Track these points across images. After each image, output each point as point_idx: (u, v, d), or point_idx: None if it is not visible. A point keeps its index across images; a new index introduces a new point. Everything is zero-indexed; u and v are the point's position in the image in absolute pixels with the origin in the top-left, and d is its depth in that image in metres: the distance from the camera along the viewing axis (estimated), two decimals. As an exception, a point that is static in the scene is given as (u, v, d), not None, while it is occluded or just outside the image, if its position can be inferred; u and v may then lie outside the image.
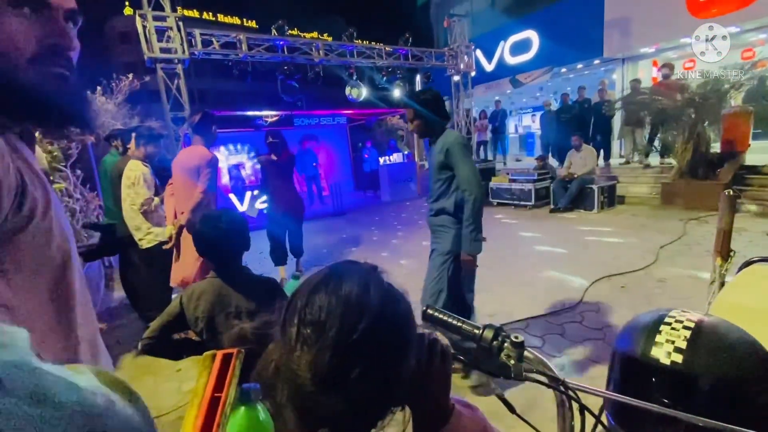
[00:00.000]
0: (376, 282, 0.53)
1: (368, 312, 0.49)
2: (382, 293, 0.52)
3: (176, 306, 1.50)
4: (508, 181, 7.97)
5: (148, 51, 5.65)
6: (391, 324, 0.51)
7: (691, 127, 6.33)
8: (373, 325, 0.48)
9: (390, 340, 0.51)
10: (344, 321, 0.48)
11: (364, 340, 0.47)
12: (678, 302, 3.19)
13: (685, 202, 6.20)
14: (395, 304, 0.53)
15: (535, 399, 1.96)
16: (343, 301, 0.49)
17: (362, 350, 0.47)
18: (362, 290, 0.51)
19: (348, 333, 0.47)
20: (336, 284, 0.51)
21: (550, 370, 0.63)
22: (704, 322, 0.63)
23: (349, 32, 7.73)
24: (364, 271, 0.55)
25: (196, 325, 1.48)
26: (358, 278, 0.52)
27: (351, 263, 0.56)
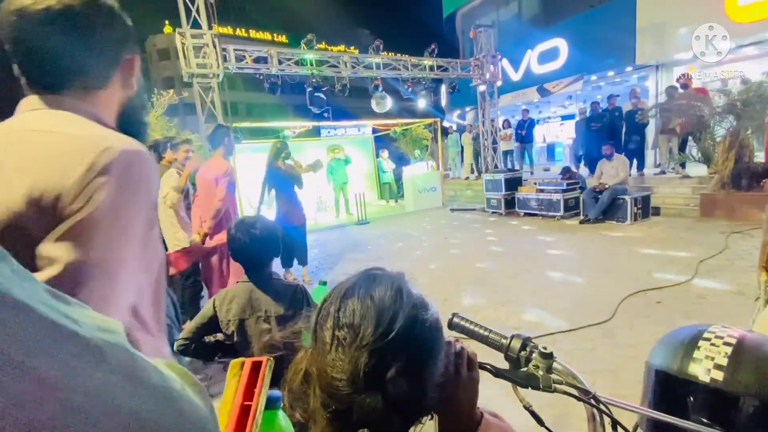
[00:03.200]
0: (407, 287, 0.54)
1: (402, 313, 0.50)
2: (412, 297, 0.53)
3: (210, 309, 1.57)
4: (536, 191, 7.80)
5: (185, 66, 5.96)
6: (422, 326, 0.52)
7: (733, 135, 6.03)
8: (406, 326, 0.49)
9: (422, 341, 0.52)
10: (379, 322, 0.49)
11: (399, 340, 0.48)
12: (719, 319, 3.00)
13: (726, 214, 5.87)
14: (425, 309, 0.54)
15: (563, 413, 1.90)
16: (376, 304, 0.50)
17: (397, 350, 0.48)
18: (395, 293, 0.52)
19: (384, 334, 0.48)
20: (368, 289, 0.53)
21: (580, 382, 0.62)
22: (747, 338, 0.60)
23: (376, 45, 7.87)
24: (394, 276, 0.56)
25: (227, 327, 1.54)
26: (389, 283, 0.54)
27: (379, 270, 0.57)
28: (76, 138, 0.63)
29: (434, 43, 8.66)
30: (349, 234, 8.01)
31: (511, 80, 12.71)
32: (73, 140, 0.62)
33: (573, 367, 0.61)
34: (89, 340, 0.23)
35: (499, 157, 10.54)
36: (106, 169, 0.61)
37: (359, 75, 7.91)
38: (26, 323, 0.20)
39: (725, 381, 0.56)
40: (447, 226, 7.91)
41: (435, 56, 8.63)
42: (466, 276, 4.59)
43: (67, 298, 0.25)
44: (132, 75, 0.77)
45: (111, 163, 0.61)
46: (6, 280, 0.21)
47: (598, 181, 6.80)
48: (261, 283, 1.56)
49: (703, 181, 6.65)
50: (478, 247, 6.03)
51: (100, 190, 0.60)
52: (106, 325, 0.25)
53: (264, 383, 0.85)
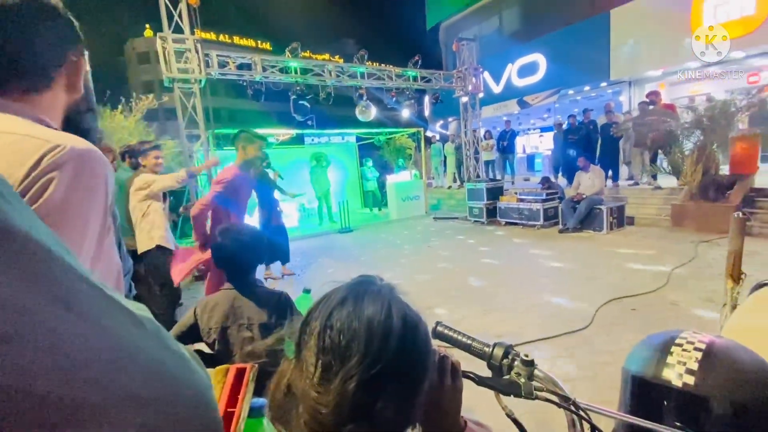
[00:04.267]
0: (397, 304, 0.51)
1: (392, 338, 0.47)
2: (403, 317, 0.50)
3: (190, 317, 1.53)
4: (517, 200, 7.96)
5: (166, 71, 5.86)
6: (413, 348, 0.50)
7: (700, 149, 6.33)
8: (397, 351, 0.47)
9: (413, 365, 0.50)
10: (368, 350, 0.46)
11: (390, 368, 0.46)
12: (690, 325, 3.11)
13: (695, 224, 6.13)
14: (415, 327, 0.51)
15: (545, 420, 1.92)
16: (365, 327, 0.47)
17: (386, 379, 0.46)
18: (385, 315, 0.49)
19: (373, 362, 0.45)
20: (357, 306, 0.49)
21: (560, 389, 0.64)
22: (716, 343, 0.63)
23: (360, 54, 7.94)
24: (385, 291, 0.53)
25: (208, 336, 1.51)
26: (379, 300, 0.50)
27: (369, 282, 0.55)
28: (22, 136, 0.59)
29: (418, 55, 8.81)
30: (332, 241, 7.97)
31: (492, 92, 13.02)
32: (20, 138, 0.59)
33: (554, 373, 0.63)
34: (127, 307, 0.30)
35: (481, 167, 10.73)
36: (56, 165, 0.57)
37: (343, 84, 7.95)
38: (95, 294, 0.27)
39: (696, 385, 0.59)
40: (430, 235, 7.97)
41: (419, 67, 8.77)
42: (449, 285, 4.62)
43: (103, 284, 0.30)
44: (78, 77, 0.73)
45: (61, 159, 0.58)
46: (76, 262, 0.27)
47: (575, 191, 7.00)
48: (245, 290, 1.54)
49: (674, 193, 6.94)
50: (461, 256, 6.09)
51: (50, 186, 0.57)
52: (140, 306, 0.32)
53: (247, 390, 0.84)
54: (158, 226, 3.12)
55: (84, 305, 0.26)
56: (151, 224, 3.09)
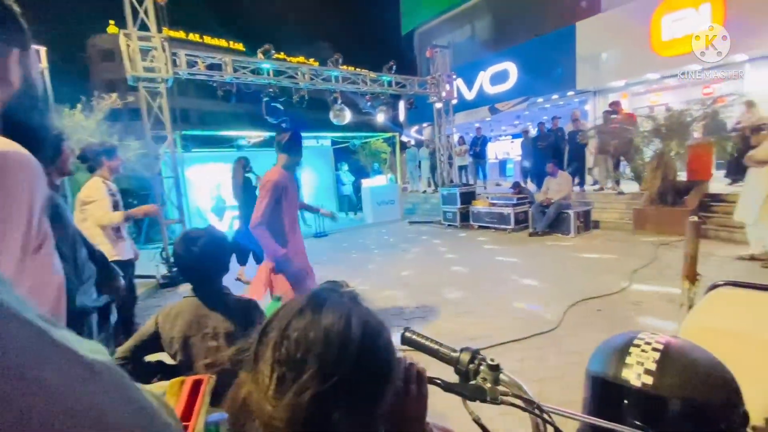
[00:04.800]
0: (358, 313, 0.50)
1: (350, 350, 0.46)
2: (363, 327, 0.48)
3: (152, 325, 1.45)
4: (489, 204, 8.13)
5: (130, 70, 5.63)
6: (373, 360, 0.48)
7: (659, 157, 6.68)
8: (355, 363, 0.46)
9: (372, 376, 0.48)
10: (324, 361, 0.44)
11: (347, 380, 0.45)
12: (652, 325, 3.26)
13: (655, 227, 6.45)
14: (377, 337, 0.50)
15: (514, 423, 1.94)
16: (322, 338, 0.46)
17: (343, 392, 0.44)
18: (344, 325, 0.47)
19: (328, 375, 0.44)
20: (315, 316, 0.48)
21: (525, 393, 0.64)
22: (672, 344, 0.65)
23: (335, 58, 7.91)
24: (346, 300, 0.52)
25: (170, 346, 1.43)
26: (339, 310, 0.49)
27: (331, 291, 0.53)
28: None
29: (393, 60, 8.87)
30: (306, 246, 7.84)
31: (465, 99, 13.28)
32: None
33: (523, 375, 0.64)
34: (84, 357, 0.25)
35: (455, 172, 10.90)
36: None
37: (318, 87, 7.90)
38: (32, 337, 0.22)
39: (654, 385, 0.60)
40: (405, 239, 7.99)
41: (393, 72, 8.83)
42: (421, 289, 4.64)
43: (52, 320, 0.25)
44: (8, 71, 0.68)
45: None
46: (8, 296, 0.23)
47: (544, 196, 7.23)
48: (209, 299, 1.47)
49: (635, 198, 7.28)
50: (434, 260, 6.14)
51: None
52: (93, 347, 0.27)
53: (203, 402, 0.79)
54: (100, 242, 2.96)
55: (11, 355, 0.20)
56: (91, 238, 2.92)
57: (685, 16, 8.21)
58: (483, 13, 14.64)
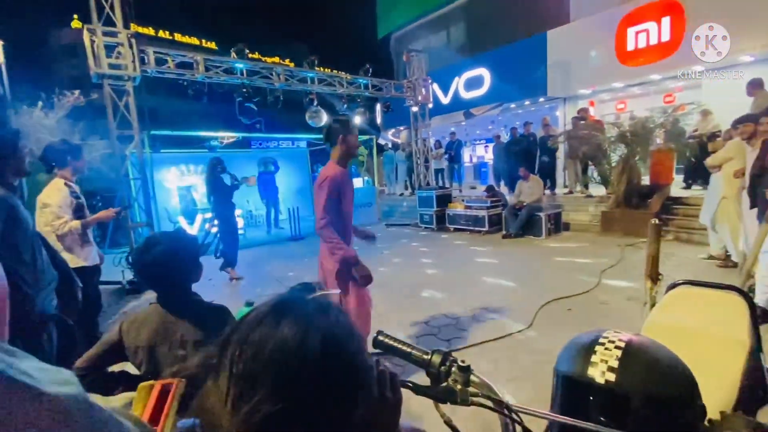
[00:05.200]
0: (320, 324, 0.48)
1: (307, 367, 0.44)
2: (324, 339, 0.46)
3: (114, 334, 1.38)
4: (464, 207, 8.26)
5: (95, 66, 5.39)
6: (337, 374, 0.46)
7: (624, 161, 6.98)
8: (314, 380, 0.44)
9: (339, 390, 0.46)
10: (278, 379, 0.43)
11: (305, 397, 0.43)
12: (618, 323, 3.39)
13: (622, 229, 6.73)
14: (341, 349, 0.48)
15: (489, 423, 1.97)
16: (278, 354, 0.44)
17: (304, 407, 0.43)
18: (300, 340, 0.45)
19: (283, 395, 0.42)
20: (272, 329, 0.45)
21: (495, 393, 0.64)
22: (633, 341, 0.67)
23: (311, 59, 7.85)
24: (309, 309, 0.50)
25: (135, 355, 1.36)
26: (298, 322, 0.46)
27: (296, 299, 0.51)
28: None
29: (369, 63, 8.89)
30: (282, 250, 7.72)
31: (441, 103, 13.45)
32: None
33: (497, 375, 0.64)
34: (52, 397, 0.22)
35: (431, 175, 11.01)
36: None
37: (293, 88, 7.81)
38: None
39: (617, 382, 0.61)
40: (382, 241, 7.99)
41: (370, 75, 8.85)
42: (400, 290, 4.65)
43: (13, 350, 0.23)
44: None
45: None
46: None
47: (517, 199, 7.42)
48: (174, 306, 1.40)
49: (603, 200, 7.57)
50: (412, 261, 6.17)
51: None
52: (60, 377, 0.25)
53: (172, 408, 0.75)
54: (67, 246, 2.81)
55: None
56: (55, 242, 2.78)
57: (648, 28, 8.64)
58: (458, 19, 14.91)
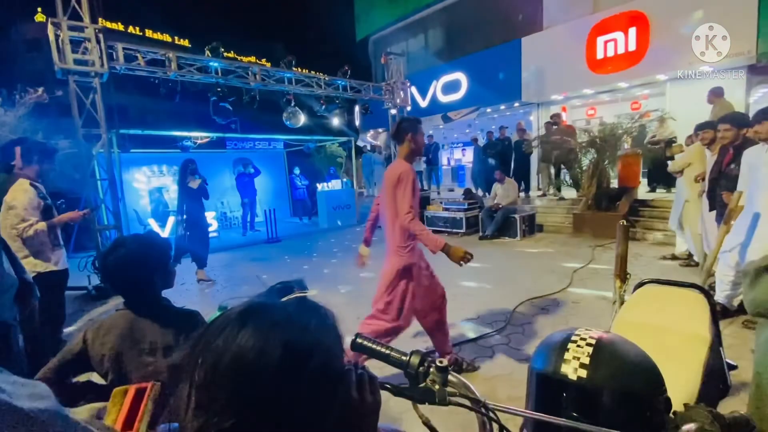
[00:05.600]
0: (284, 332, 0.45)
1: (264, 378, 0.42)
2: (287, 348, 0.44)
3: (78, 343, 1.31)
4: (442, 209, 8.36)
5: (59, 62, 5.14)
6: (302, 382, 0.44)
7: (594, 165, 7.25)
8: (271, 395, 0.42)
9: (300, 405, 0.44)
10: (235, 392, 0.41)
11: (261, 412, 0.41)
12: (590, 321, 3.51)
13: (592, 230, 6.97)
14: (305, 360, 0.45)
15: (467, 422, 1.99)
16: (236, 364, 0.42)
17: (258, 424, 0.41)
18: (259, 350, 0.43)
19: (235, 406, 0.41)
20: (234, 338, 0.44)
21: (472, 392, 0.65)
22: (603, 338, 0.69)
23: (288, 59, 7.77)
24: (276, 315, 0.47)
25: (101, 364, 1.30)
26: (260, 329, 0.44)
27: (263, 306, 0.49)
28: None
29: (348, 65, 8.87)
30: (257, 253, 7.58)
31: (419, 106, 13.58)
32: None
33: (475, 374, 0.65)
34: (27, 413, 0.22)
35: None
36: None
37: (269, 88, 7.69)
38: None
39: (589, 378, 0.63)
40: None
41: (348, 77, 8.83)
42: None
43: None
44: None
45: None
46: None
47: (493, 201, 7.57)
48: (143, 311, 1.35)
49: (575, 203, 7.83)
50: (390, 263, 6.17)
51: None
52: (35, 391, 0.25)
53: (146, 411, 0.73)
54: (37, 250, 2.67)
55: None
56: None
57: (616, 38, 9.01)
58: (435, 23, 15.09)
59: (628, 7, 8.77)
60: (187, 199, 5.27)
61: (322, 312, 0.53)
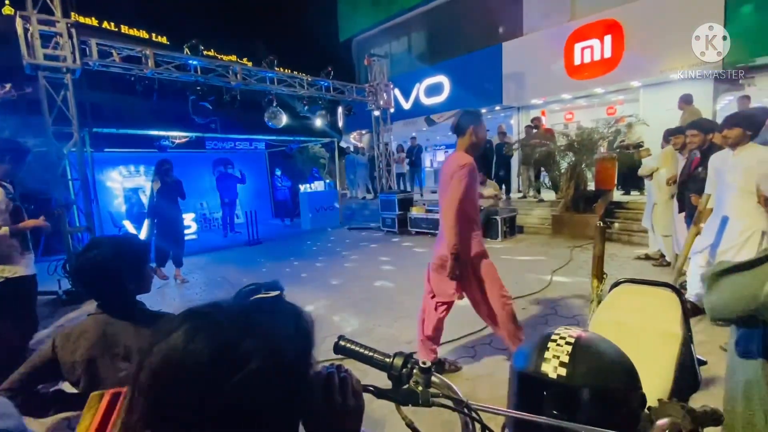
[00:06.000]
0: (218, 334, 0.42)
1: (190, 378, 0.39)
2: (217, 354, 0.40)
3: (47, 351, 1.25)
4: (425, 211, 8.41)
5: (28, 57, 4.93)
6: (236, 391, 0.40)
7: (572, 168, 7.44)
8: (199, 401, 0.39)
9: (251, 410, 0.41)
10: (153, 399, 0.40)
11: (183, 425, 0.39)
12: (569, 320, 3.59)
13: (570, 231, 7.15)
14: (243, 360, 0.41)
15: (449, 423, 2.00)
16: (164, 371, 0.40)
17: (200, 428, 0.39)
18: (184, 350, 0.40)
19: (152, 415, 0.39)
20: (173, 346, 0.41)
21: (455, 393, 0.65)
22: (582, 337, 0.71)
23: (270, 59, 7.68)
24: (224, 323, 0.44)
25: (72, 372, 1.24)
26: (201, 336, 0.41)
27: (204, 312, 0.46)
28: None
29: (331, 66, 8.84)
30: (238, 255, 7.44)
31: (402, 108, 13.64)
32: None
33: (458, 374, 0.66)
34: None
35: (393, 179, 11.11)
36: None
37: (251, 87, 7.58)
38: None
39: (568, 376, 0.65)
40: (343, 244, 7.94)
41: (332, 78, 8.80)
42: (360, 294, 4.63)
43: None
44: None
45: None
46: None
47: (475, 203, 7.66)
48: (118, 314, 1.31)
49: (554, 205, 8.01)
50: (373, 265, 6.17)
51: None
52: None
53: (120, 414, 0.71)
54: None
55: None
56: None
57: (592, 45, 9.29)
58: (419, 26, 15.20)
59: (603, 15, 9.06)
60: (162, 199, 5.32)
61: (286, 314, 0.50)
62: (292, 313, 0.50)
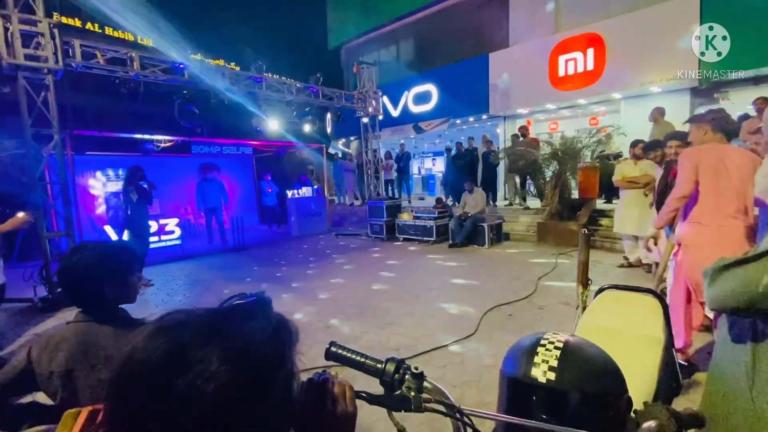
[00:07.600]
0: (178, 336, 0.41)
1: (146, 379, 0.39)
2: (179, 352, 0.39)
3: (22, 360, 1.20)
4: (413, 218, 8.44)
5: (7, 56, 4.81)
6: (213, 406, 0.38)
7: (557, 177, 7.59)
8: (162, 412, 0.37)
9: (219, 421, 0.39)
10: (113, 406, 0.39)
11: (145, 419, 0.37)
12: (555, 326, 3.63)
13: (555, 239, 7.26)
14: (204, 364, 0.39)
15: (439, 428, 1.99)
16: (125, 364, 0.40)
17: None
18: (144, 350, 0.39)
19: (110, 422, 0.39)
20: (141, 356, 0.40)
21: (447, 398, 0.66)
22: (570, 342, 0.72)
23: (258, 64, 7.65)
24: (179, 321, 0.44)
25: (49, 382, 1.19)
26: (153, 332, 0.41)
27: (179, 311, 0.46)
28: None
29: (320, 72, 8.87)
30: (223, 262, 7.32)
31: (391, 116, 13.73)
32: None
33: (446, 381, 0.66)
34: None
35: (381, 185, 11.13)
36: None
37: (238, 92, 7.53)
38: None
39: (557, 380, 0.65)
40: (332, 251, 7.89)
41: (321, 84, 8.81)
42: (349, 301, 4.60)
43: None
44: None
45: None
46: None
47: (462, 210, 7.74)
48: (98, 320, 1.26)
49: (539, 212, 8.13)
50: (364, 272, 6.15)
51: None
52: None
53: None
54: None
55: None
56: None
57: (576, 57, 9.55)
58: (407, 35, 15.39)
59: (586, 29, 9.33)
60: (141, 208, 5.57)
61: (262, 320, 0.47)
62: (269, 318, 0.48)
